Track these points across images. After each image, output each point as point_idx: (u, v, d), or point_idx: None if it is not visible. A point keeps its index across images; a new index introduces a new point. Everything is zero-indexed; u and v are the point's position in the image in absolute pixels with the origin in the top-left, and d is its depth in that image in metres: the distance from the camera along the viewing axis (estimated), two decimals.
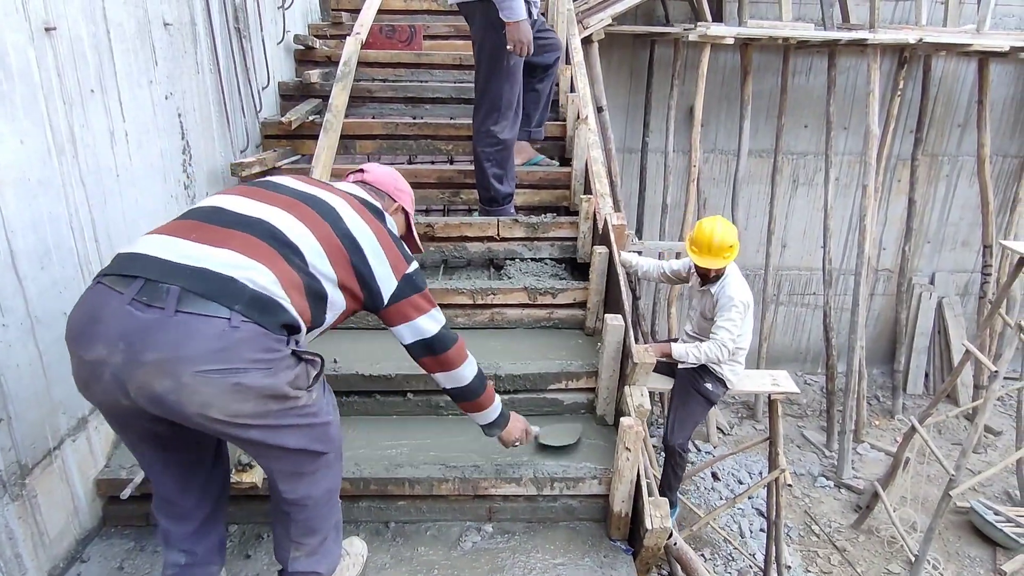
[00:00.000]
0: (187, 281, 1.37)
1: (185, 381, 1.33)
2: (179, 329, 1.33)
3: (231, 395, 1.37)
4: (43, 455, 1.97)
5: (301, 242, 1.55)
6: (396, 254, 1.75)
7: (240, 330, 1.37)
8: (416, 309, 1.78)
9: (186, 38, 2.79)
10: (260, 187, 1.69)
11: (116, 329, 1.34)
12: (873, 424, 7.17)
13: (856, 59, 6.60)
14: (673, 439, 3.50)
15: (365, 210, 1.75)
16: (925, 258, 7.62)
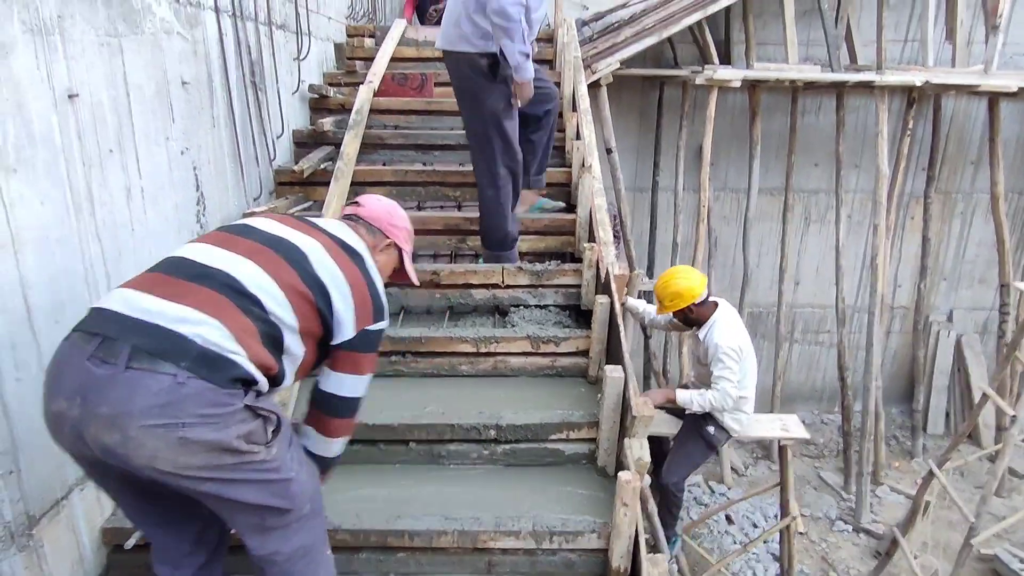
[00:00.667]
0: (138, 338, 1.42)
1: (132, 435, 1.37)
2: (128, 385, 1.38)
3: (177, 448, 1.40)
4: (51, 505, 2.02)
5: (260, 291, 1.56)
6: (365, 305, 1.71)
7: (186, 386, 1.39)
8: (354, 365, 1.74)
9: (203, 95, 2.91)
10: (232, 232, 1.69)
11: (74, 383, 1.40)
12: (892, 466, 7.01)
13: (865, 98, 6.65)
14: (667, 477, 3.48)
15: (342, 253, 1.71)
16: (942, 295, 7.54)
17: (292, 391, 2.61)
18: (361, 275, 1.72)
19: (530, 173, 3.59)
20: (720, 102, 6.37)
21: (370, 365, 1.78)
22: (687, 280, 3.33)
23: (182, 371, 1.40)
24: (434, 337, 2.88)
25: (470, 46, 3.00)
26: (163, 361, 1.40)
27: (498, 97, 3.05)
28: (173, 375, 1.39)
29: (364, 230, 1.90)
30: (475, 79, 3.04)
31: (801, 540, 5.87)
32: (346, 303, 1.67)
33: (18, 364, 1.87)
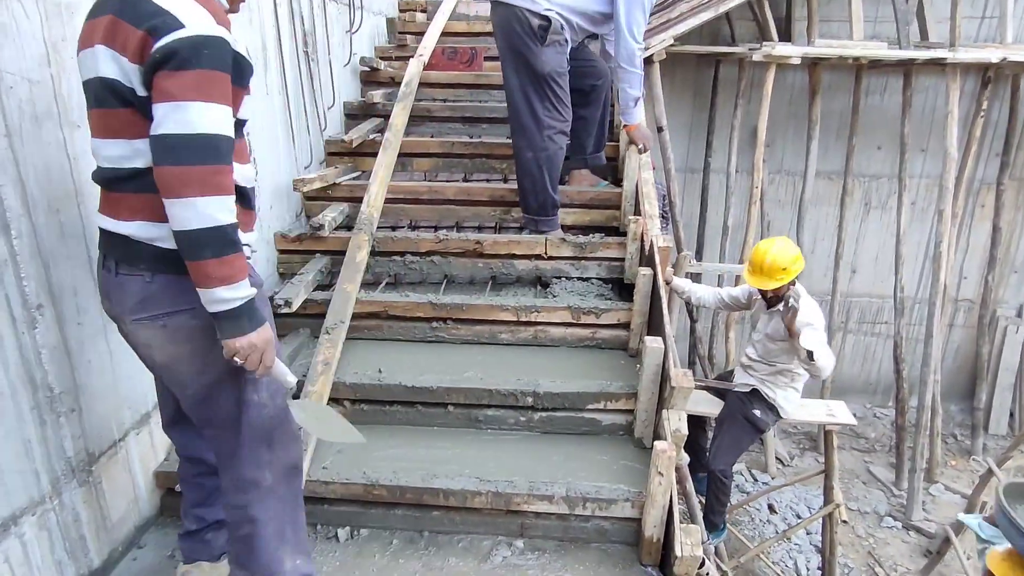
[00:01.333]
0: (111, 246, 1.61)
1: (128, 329, 1.65)
2: (119, 286, 1.60)
3: (162, 337, 1.61)
4: (109, 445, 2.13)
5: (127, 156, 1.52)
6: (126, 30, 1.43)
7: (155, 282, 1.57)
8: (161, 91, 1.41)
9: (257, 63, 2.98)
10: (88, 105, 1.59)
11: (104, 287, 1.66)
12: (949, 464, 6.72)
13: (936, 79, 6.30)
14: (714, 464, 3.41)
15: (114, 27, 1.45)
16: (1011, 289, 7.13)
17: (336, 350, 2.67)
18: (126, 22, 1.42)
19: (586, 151, 3.55)
20: (778, 80, 6.13)
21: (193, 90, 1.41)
22: (795, 252, 3.18)
23: (146, 271, 1.56)
24: (475, 304, 2.91)
25: (527, 1, 2.97)
26: (135, 263, 1.56)
27: (543, 62, 3.00)
28: (142, 275, 1.56)
29: None
30: (523, 38, 2.99)
31: (847, 534, 5.70)
32: (114, 61, 1.44)
33: (80, 309, 1.97)
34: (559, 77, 3.05)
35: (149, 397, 2.33)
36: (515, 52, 3.03)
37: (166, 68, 1.37)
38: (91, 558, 2.07)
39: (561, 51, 3.04)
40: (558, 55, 3.03)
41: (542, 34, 2.94)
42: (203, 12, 1.43)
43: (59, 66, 1.85)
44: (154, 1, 1.40)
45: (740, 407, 3.45)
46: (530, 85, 3.06)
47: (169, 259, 1.52)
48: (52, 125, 1.84)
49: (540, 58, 2.98)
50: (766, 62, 5.63)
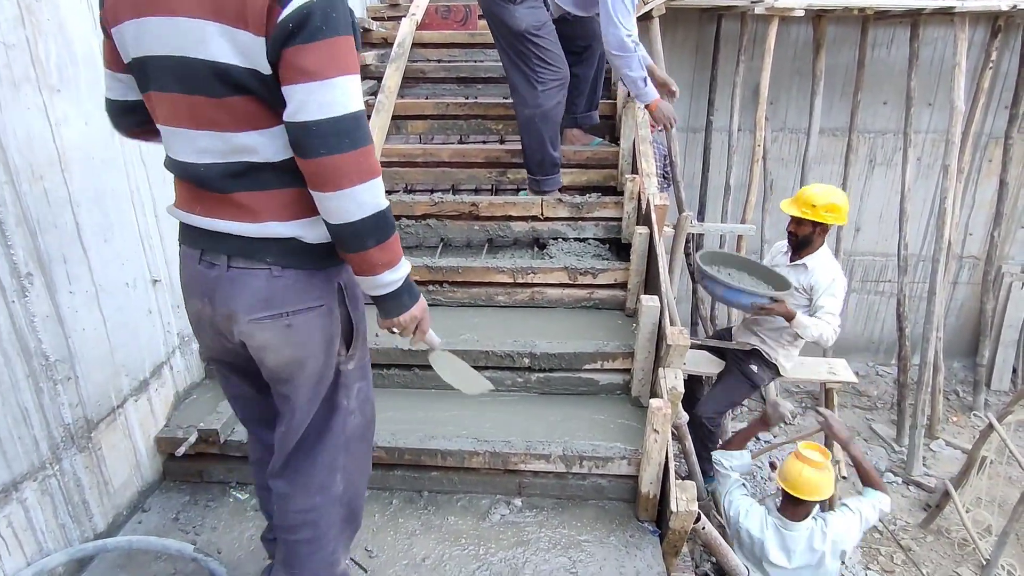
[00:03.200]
0: (226, 244, 1.38)
1: (243, 329, 1.41)
2: (232, 283, 1.39)
3: (283, 337, 1.43)
4: (107, 412, 2.15)
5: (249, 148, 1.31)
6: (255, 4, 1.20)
7: (283, 277, 1.39)
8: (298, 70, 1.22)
9: None
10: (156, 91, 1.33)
11: (200, 285, 1.44)
12: (951, 420, 6.76)
13: (944, 29, 6.13)
14: (701, 410, 3.43)
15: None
16: (1018, 245, 7.06)
17: None
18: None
19: (577, 110, 3.48)
20: (781, 34, 5.98)
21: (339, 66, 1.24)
22: (846, 201, 3.24)
23: (274, 266, 1.37)
24: (471, 267, 2.89)
25: None
26: (255, 260, 1.37)
27: (517, 20, 2.94)
28: (267, 270, 1.37)
29: None
30: (496, 2, 2.94)
31: (847, 489, 5.76)
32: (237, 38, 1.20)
33: (70, 277, 1.96)
34: (538, 32, 2.97)
35: (147, 364, 2.34)
36: (491, 14, 3.01)
37: (298, 40, 1.17)
38: (95, 522, 2.11)
39: (538, 6, 2.97)
40: (533, 10, 2.95)
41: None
42: None
43: (35, 27, 1.81)
44: None
45: (738, 362, 3.45)
46: (511, 46, 3.01)
47: (303, 252, 1.38)
48: (31, 89, 1.80)
49: (514, 16, 2.93)
50: (769, 15, 5.49)
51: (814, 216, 3.16)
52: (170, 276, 2.44)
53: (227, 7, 1.17)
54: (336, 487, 1.63)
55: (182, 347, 2.55)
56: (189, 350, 2.61)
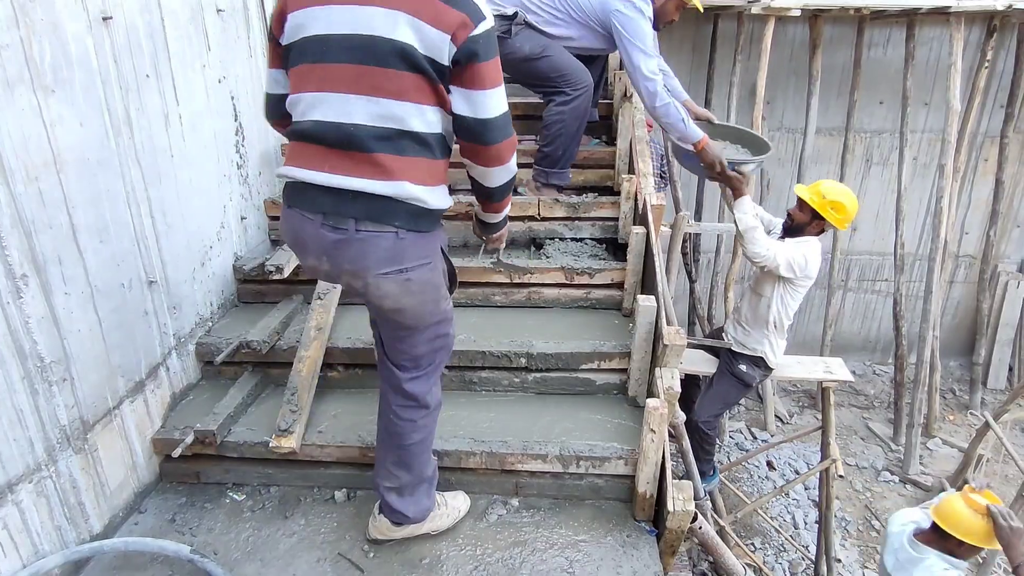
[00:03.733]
0: (355, 208, 1.62)
1: (370, 281, 1.70)
2: (362, 245, 1.65)
3: (402, 289, 1.73)
4: (103, 414, 2.15)
5: (404, 119, 1.59)
6: (449, 13, 1.54)
7: (406, 239, 1.67)
8: (477, 79, 1.62)
9: (239, 23, 2.91)
10: (325, 63, 1.58)
11: (318, 247, 1.69)
12: (947, 419, 6.77)
13: (940, 29, 6.14)
14: (696, 414, 3.45)
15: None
16: (1014, 244, 7.08)
17: (329, 315, 2.67)
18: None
19: (545, 163, 3.48)
20: (778, 34, 5.99)
21: (496, 74, 1.65)
22: (854, 205, 3.27)
23: (399, 229, 1.65)
24: (468, 267, 2.89)
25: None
26: (383, 223, 1.63)
27: (519, 47, 3.01)
28: (394, 232, 1.64)
29: None
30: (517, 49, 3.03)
31: (844, 488, 5.78)
32: (429, 35, 1.52)
33: (66, 278, 1.96)
34: (542, 53, 3.04)
35: (143, 365, 2.34)
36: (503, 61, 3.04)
37: (481, 58, 1.56)
38: (91, 523, 2.10)
39: (531, 35, 3.03)
40: (530, 39, 3.03)
41: (505, 30, 2.95)
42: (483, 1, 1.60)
43: (29, 28, 1.80)
44: None
45: (727, 362, 3.47)
46: (526, 75, 3.13)
47: (422, 216, 1.67)
48: (25, 90, 1.79)
49: (514, 48, 3.00)
50: (765, 15, 5.50)
51: (818, 205, 3.17)
52: (166, 277, 2.44)
53: (423, 10, 1.51)
54: (436, 399, 2.01)
55: (178, 348, 2.55)
56: (185, 351, 2.60)
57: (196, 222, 2.63)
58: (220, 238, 2.82)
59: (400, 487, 2.01)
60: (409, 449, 1.98)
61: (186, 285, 2.58)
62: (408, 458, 1.99)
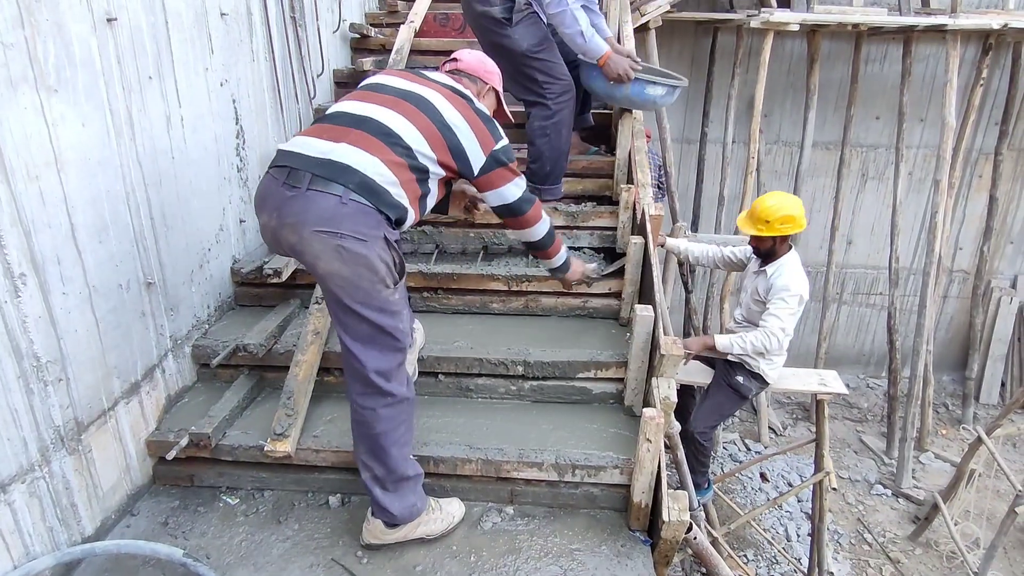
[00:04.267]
0: (316, 168, 1.82)
1: (305, 236, 1.80)
2: (307, 201, 1.80)
3: (334, 254, 1.80)
4: (98, 415, 2.14)
5: (404, 133, 1.92)
6: (485, 134, 2.05)
7: (347, 206, 1.80)
8: (501, 179, 2.11)
9: (242, 27, 2.92)
10: (371, 91, 2.03)
11: (273, 202, 1.85)
12: (940, 433, 6.80)
13: (936, 46, 6.22)
14: (693, 425, 3.44)
15: (457, 98, 2.06)
16: (1007, 260, 7.15)
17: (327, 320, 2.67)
18: (474, 112, 2.06)
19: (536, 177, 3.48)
20: (776, 49, 6.06)
21: (513, 172, 2.13)
22: (799, 207, 3.24)
23: (347, 191, 1.80)
24: (466, 274, 2.89)
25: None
26: (334, 183, 1.80)
27: (517, 41, 2.94)
28: (339, 196, 1.80)
29: (467, 80, 2.24)
30: (492, 29, 2.96)
31: (837, 501, 5.79)
32: (470, 139, 2.02)
33: (64, 278, 1.95)
34: (540, 50, 2.98)
35: (139, 366, 2.33)
36: (491, 44, 2.99)
37: (498, 166, 2.08)
38: (83, 525, 2.09)
39: (534, 22, 2.96)
40: (532, 27, 2.95)
41: (507, 16, 2.88)
42: None
43: (33, 28, 1.81)
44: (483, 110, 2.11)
45: (723, 373, 3.47)
46: (516, 70, 3.00)
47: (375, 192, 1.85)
48: (28, 89, 1.80)
49: (513, 39, 2.93)
50: (764, 29, 5.55)
51: (770, 232, 3.20)
52: (164, 279, 2.43)
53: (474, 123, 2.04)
54: (405, 391, 2.03)
55: (174, 350, 2.54)
56: (182, 353, 2.60)
57: (195, 224, 2.63)
58: (219, 240, 2.82)
59: (379, 478, 2.03)
60: (376, 440, 2.00)
61: (184, 287, 2.58)
62: (377, 450, 2.01)
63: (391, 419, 2.00)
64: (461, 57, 2.29)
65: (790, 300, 3.19)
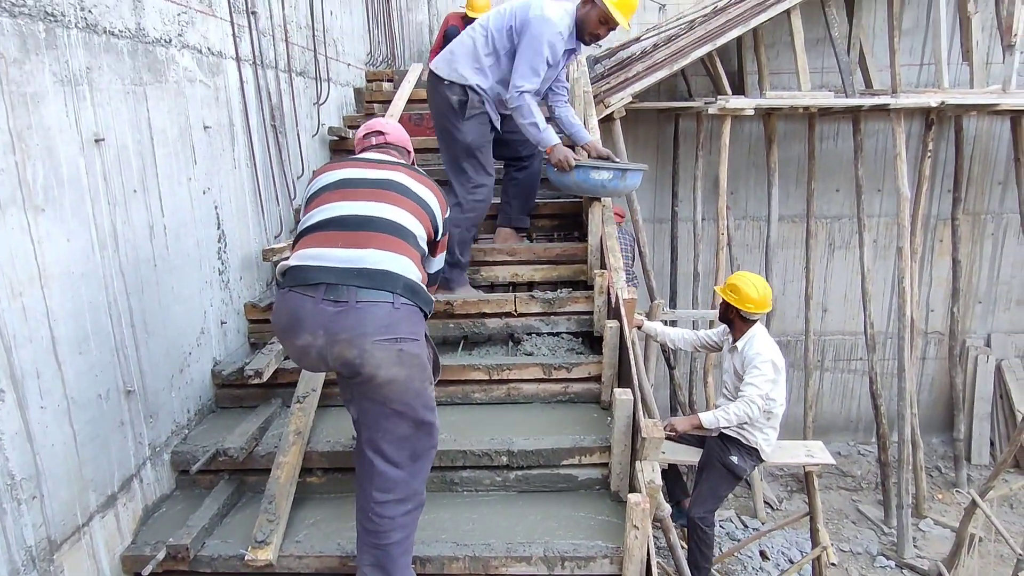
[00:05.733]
0: (357, 280, 1.83)
1: (367, 348, 1.80)
2: (360, 313, 1.80)
3: (395, 358, 1.82)
4: (72, 531, 2.07)
5: (408, 223, 1.98)
6: (442, 202, 2.18)
7: (400, 310, 1.84)
8: (442, 248, 2.26)
9: (224, 138, 3.06)
10: (347, 187, 2.04)
11: (316, 321, 1.82)
12: (936, 498, 6.72)
13: (884, 123, 6.62)
14: (693, 511, 3.41)
15: (416, 173, 2.17)
16: (978, 319, 7.32)
17: (309, 419, 2.66)
18: (432, 181, 2.17)
19: (511, 212, 3.69)
20: (736, 131, 6.41)
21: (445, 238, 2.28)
22: (756, 293, 3.47)
23: (396, 296, 1.84)
24: (448, 365, 2.91)
25: (447, 71, 3.21)
26: (383, 291, 1.83)
27: (464, 133, 3.22)
28: (391, 302, 1.82)
29: (396, 151, 2.33)
30: (446, 114, 3.25)
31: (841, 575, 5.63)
32: (438, 208, 2.13)
33: (43, 392, 1.95)
34: (480, 148, 3.28)
35: (116, 477, 2.28)
36: (441, 128, 3.32)
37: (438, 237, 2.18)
38: None
39: (483, 122, 3.26)
40: (481, 126, 3.25)
41: (461, 109, 3.14)
42: None
43: (24, 152, 1.89)
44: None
45: (718, 453, 3.46)
46: (454, 156, 3.32)
47: (417, 291, 1.90)
48: (16, 211, 1.86)
49: (461, 131, 3.23)
50: (722, 115, 5.88)
51: (732, 301, 3.49)
52: (143, 386, 2.43)
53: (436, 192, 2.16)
54: (421, 494, 2.01)
55: (153, 458, 2.50)
56: (160, 461, 2.55)
57: (176, 329, 2.65)
58: (200, 343, 2.84)
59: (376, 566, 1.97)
60: (387, 550, 1.94)
61: (164, 393, 2.57)
62: (386, 561, 1.95)
63: (406, 527, 1.97)
64: (387, 130, 2.38)
65: (762, 366, 3.32)
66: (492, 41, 3.20)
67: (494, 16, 3.24)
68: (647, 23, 6.70)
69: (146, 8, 2.47)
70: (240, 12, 3.23)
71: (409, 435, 1.92)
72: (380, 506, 1.93)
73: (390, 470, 1.91)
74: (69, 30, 2.06)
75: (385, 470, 1.92)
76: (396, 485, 1.92)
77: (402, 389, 1.85)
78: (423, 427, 1.94)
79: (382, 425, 1.91)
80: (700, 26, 5.91)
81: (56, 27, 2.01)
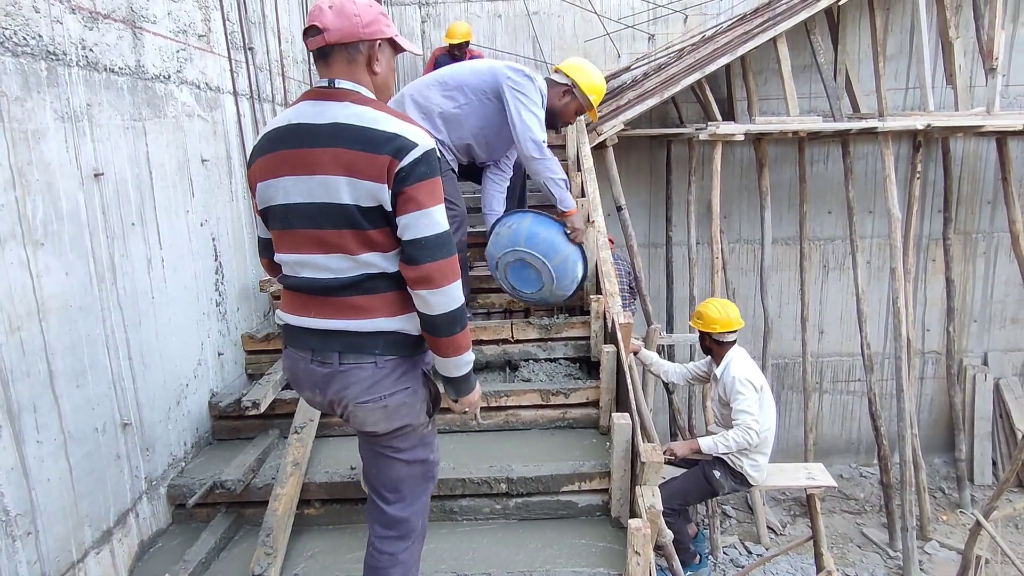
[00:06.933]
0: (338, 344, 1.73)
1: (351, 409, 1.76)
2: (344, 377, 1.74)
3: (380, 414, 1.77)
4: (67, 568, 2.05)
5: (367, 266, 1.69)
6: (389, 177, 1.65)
7: (383, 368, 1.74)
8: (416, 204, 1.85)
9: (222, 171, 3.10)
10: (289, 228, 1.72)
11: (311, 381, 1.80)
12: (941, 519, 6.66)
13: (871, 146, 6.72)
14: None
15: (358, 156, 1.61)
16: (974, 338, 7.34)
17: (307, 449, 2.64)
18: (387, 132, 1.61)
19: None
20: (727, 156, 6.49)
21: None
22: (722, 316, 3.54)
23: (378, 356, 1.72)
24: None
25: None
26: (363, 354, 1.72)
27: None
28: (373, 363, 1.72)
29: (342, 65, 1.68)
30: None
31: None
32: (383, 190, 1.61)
33: (39, 426, 1.95)
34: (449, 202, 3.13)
35: (111, 512, 2.26)
36: None
37: (408, 182, 1.60)
38: None
39: (449, 179, 3.03)
40: (448, 184, 3.07)
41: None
42: (419, 129, 1.67)
43: (24, 188, 1.92)
44: (380, 128, 1.61)
45: (703, 466, 3.48)
46: None
47: (401, 344, 1.75)
48: (15, 245, 1.88)
49: None
50: (713, 140, 5.97)
51: (703, 327, 3.58)
52: (140, 419, 2.42)
53: (357, 166, 1.60)
54: (420, 528, 1.96)
55: (149, 492, 2.48)
56: (156, 494, 2.53)
57: (174, 361, 2.65)
58: (197, 375, 2.83)
59: None
60: None
61: (160, 425, 2.56)
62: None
63: (406, 563, 1.95)
64: (326, 23, 1.73)
65: (743, 388, 3.36)
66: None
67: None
68: (637, 52, 6.84)
69: (146, 46, 2.52)
70: (237, 48, 3.29)
71: (404, 475, 1.90)
72: (381, 541, 1.92)
73: (387, 508, 1.90)
74: (70, 68, 2.10)
75: (383, 508, 1.91)
76: (395, 522, 1.91)
77: (391, 437, 1.83)
78: (416, 466, 1.92)
79: (376, 464, 1.91)
80: (689, 55, 6.03)
81: (58, 65, 2.05)
